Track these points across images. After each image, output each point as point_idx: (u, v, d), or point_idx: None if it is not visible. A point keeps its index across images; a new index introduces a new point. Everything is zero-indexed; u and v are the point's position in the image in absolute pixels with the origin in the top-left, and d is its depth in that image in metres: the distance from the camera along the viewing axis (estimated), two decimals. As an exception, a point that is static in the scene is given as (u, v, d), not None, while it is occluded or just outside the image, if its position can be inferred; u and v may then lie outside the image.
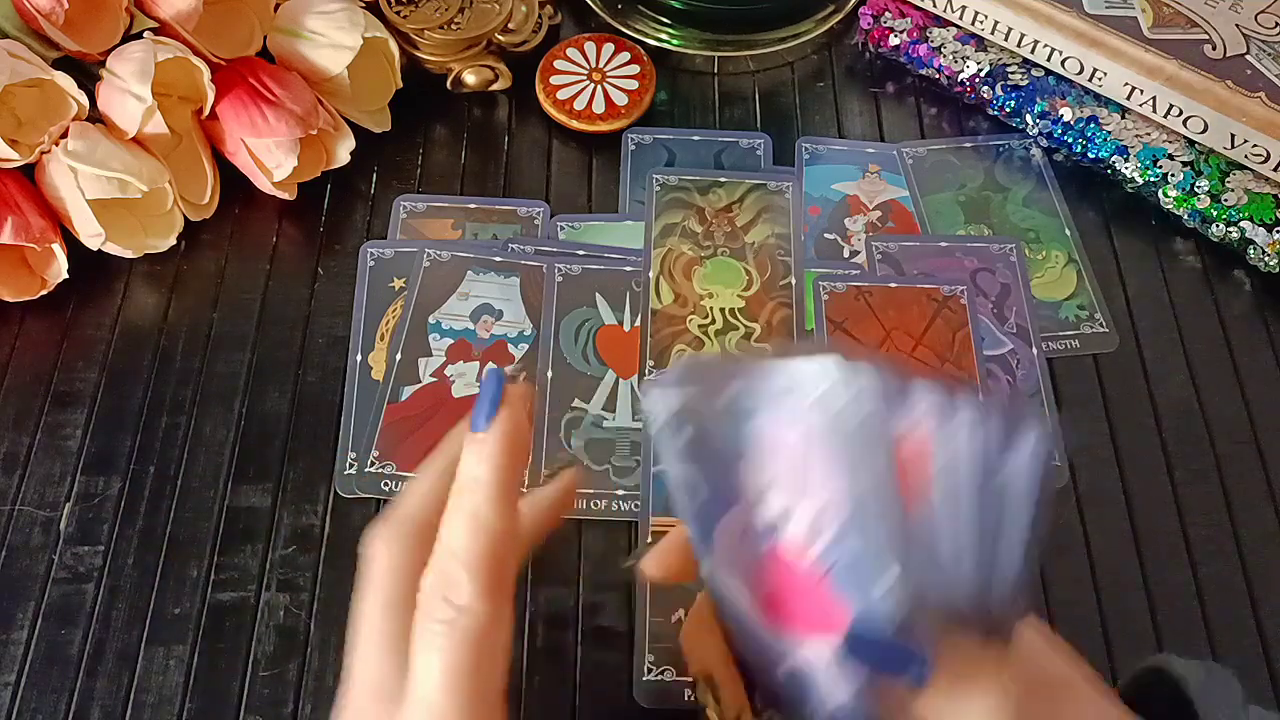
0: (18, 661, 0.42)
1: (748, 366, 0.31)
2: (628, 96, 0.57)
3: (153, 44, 0.49)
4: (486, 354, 0.50)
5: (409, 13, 0.56)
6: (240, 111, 0.50)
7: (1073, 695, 0.32)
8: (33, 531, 0.45)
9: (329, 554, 0.45)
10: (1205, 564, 0.45)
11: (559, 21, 0.61)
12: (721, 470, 0.30)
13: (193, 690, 0.42)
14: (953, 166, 0.57)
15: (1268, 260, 0.52)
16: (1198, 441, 0.48)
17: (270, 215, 0.54)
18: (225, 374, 0.49)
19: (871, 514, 0.29)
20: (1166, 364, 0.50)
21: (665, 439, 0.30)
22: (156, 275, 0.52)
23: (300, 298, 0.52)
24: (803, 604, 0.30)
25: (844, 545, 0.29)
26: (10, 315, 0.51)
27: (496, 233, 0.54)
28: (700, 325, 0.51)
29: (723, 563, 0.30)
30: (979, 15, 0.56)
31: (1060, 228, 0.54)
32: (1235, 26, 0.54)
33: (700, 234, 0.54)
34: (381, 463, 0.47)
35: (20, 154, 0.48)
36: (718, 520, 0.30)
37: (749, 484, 0.30)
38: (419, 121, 0.58)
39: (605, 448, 0.47)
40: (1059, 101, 0.56)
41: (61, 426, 0.48)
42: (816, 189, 0.56)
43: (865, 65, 0.61)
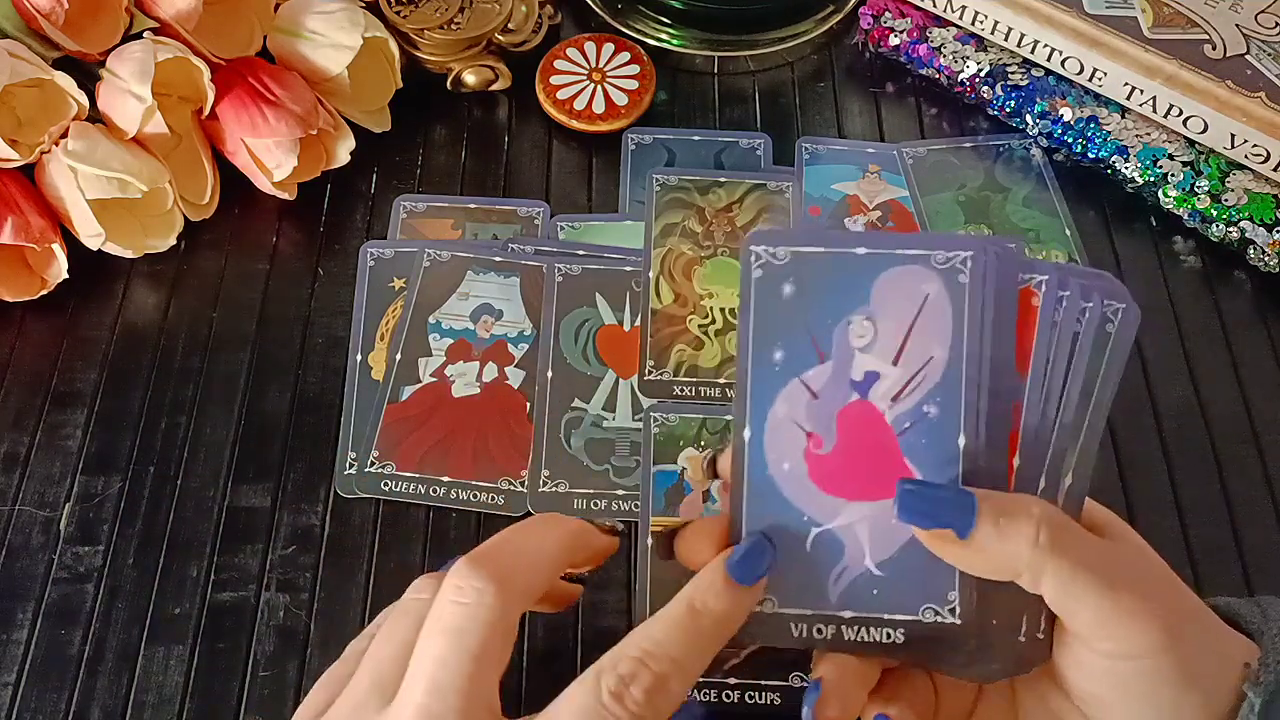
0: (18, 661, 0.42)
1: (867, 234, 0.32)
2: (628, 96, 0.57)
3: (153, 44, 0.49)
4: (486, 354, 0.50)
5: (409, 13, 0.56)
6: (240, 111, 0.50)
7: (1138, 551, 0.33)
8: (33, 531, 0.45)
9: (329, 554, 0.45)
10: (1205, 564, 0.45)
11: (559, 21, 0.61)
12: (807, 329, 0.31)
13: (193, 690, 0.42)
14: (953, 166, 0.57)
15: (1268, 260, 0.52)
16: (1198, 441, 0.48)
17: (270, 215, 0.54)
18: (225, 374, 0.49)
19: (964, 385, 0.30)
20: (1166, 364, 0.50)
21: (761, 291, 0.31)
22: (156, 275, 0.52)
23: (300, 298, 0.52)
24: (866, 465, 0.31)
25: (928, 410, 0.30)
26: (10, 315, 0.51)
27: (496, 233, 0.54)
28: (700, 325, 0.51)
29: (784, 418, 0.31)
30: (979, 15, 0.56)
31: (1060, 228, 0.54)
32: (1235, 26, 0.54)
33: (700, 234, 0.54)
34: (381, 463, 0.47)
35: (20, 154, 0.48)
36: (785, 381, 0.31)
37: (842, 342, 0.31)
38: (419, 121, 0.58)
39: (605, 448, 0.47)
40: (1059, 101, 0.56)
41: (61, 426, 0.48)
42: (816, 189, 0.56)
43: (865, 65, 0.61)
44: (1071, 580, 0.29)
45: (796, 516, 0.31)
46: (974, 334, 0.30)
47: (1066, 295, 0.30)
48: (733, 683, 0.41)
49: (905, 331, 0.30)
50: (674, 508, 0.45)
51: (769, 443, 0.31)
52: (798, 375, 0.31)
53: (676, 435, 0.47)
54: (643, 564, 0.44)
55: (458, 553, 0.44)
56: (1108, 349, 0.31)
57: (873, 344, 0.31)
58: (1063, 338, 0.30)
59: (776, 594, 0.31)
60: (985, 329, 0.30)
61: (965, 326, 0.30)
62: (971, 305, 0.30)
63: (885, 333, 0.31)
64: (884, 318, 0.31)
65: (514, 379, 0.49)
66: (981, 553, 0.29)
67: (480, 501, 0.46)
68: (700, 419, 0.48)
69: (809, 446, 0.31)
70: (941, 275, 0.30)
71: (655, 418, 0.48)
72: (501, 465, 0.47)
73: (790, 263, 0.31)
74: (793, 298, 0.31)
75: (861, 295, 0.31)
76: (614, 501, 0.46)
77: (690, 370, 0.49)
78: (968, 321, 0.30)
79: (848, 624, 0.30)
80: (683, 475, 0.46)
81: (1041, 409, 0.30)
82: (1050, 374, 0.30)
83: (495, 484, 0.46)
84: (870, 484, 0.31)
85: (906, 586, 0.30)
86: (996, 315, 0.30)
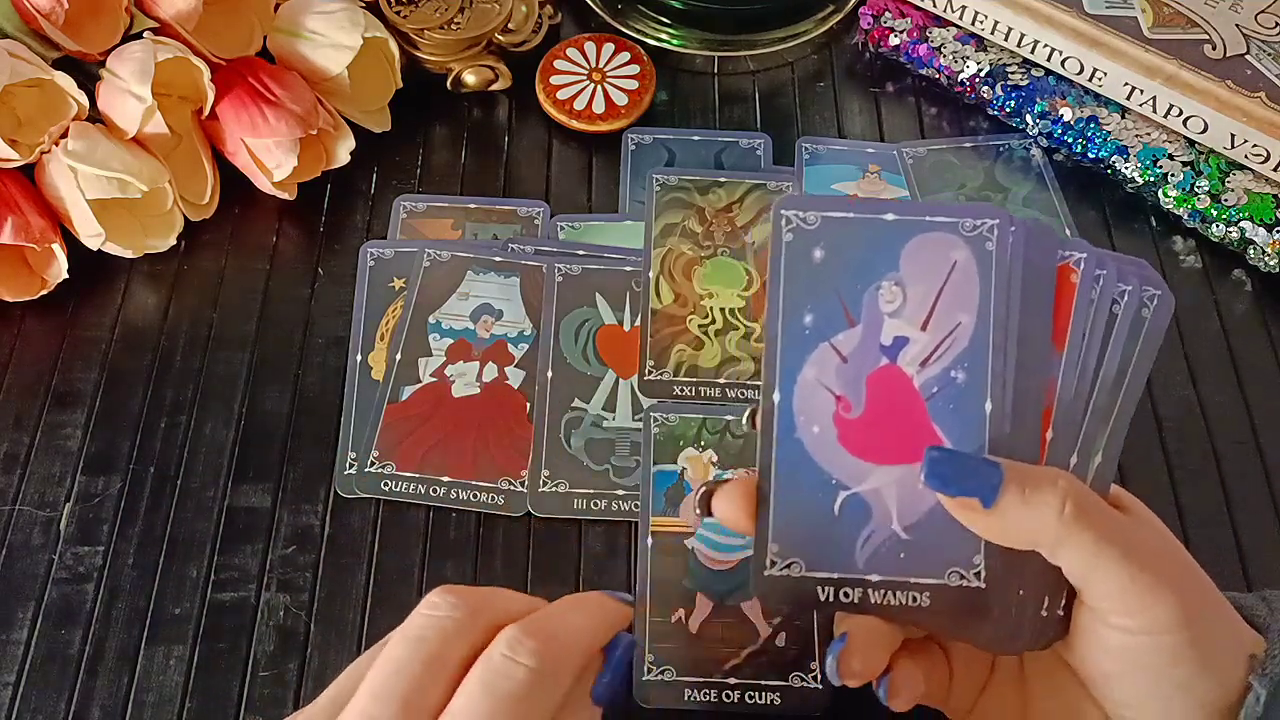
0: (18, 661, 0.42)
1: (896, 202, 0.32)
2: (628, 96, 0.57)
3: (153, 44, 0.49)
4: (486, 354, 0.50)
5: (409, 13, 0.56)
6: (240, 111, 0.50)
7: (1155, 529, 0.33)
8: (33, 531, 0.45)
9: (329, 554, 0.45)
10: (1205, 564, 0.45)
11: (559, 21, 0.61)
12: (837, 293, 0.31)
13: (193, 690, 0.42)
14: (953, 166, 0.57)
15: (1268, 260, 0.52)
16: (1198, 441, 0.48)
17: (270, 215, 0.54)
18: (225, 374, 0.49)
19: (990, 351, 0.30)
20: (1166, 364, 0.50)
21: (791, 256, 0.31)
22: (156, 275, 0.52)
23: (300, 298, 0.52)
24: (894, 429, 0.31)
25: (955, 375, 0.30)
26: (10, 315, 0.51)
27: (496, 233, 0.54)
28: (700, 325, 0.51)
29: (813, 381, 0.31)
30: (979, 15, 0.56)
31: (1060, 228, 0.54)
32: (1235, 26, 0.54)
33: (700, 234, 0.54)
34: (381, 463, 0.47)
35: (20, 154, 0.48)
36: (815, 345, 0.31)
37: (871, 307, 0.31)
38: (419, 121, 0.58)
39: (605, 448, 0.47)
40: (1059, 101, 0.56)
41: (61, 426, 0.48)
42: (816, 189, 0.56)
43: (865, 65, 0.61)
44: (1094, 553, 0.29)
45: (825, 479, 0.31)
46: (1001, 301, 0.30)
47: (1103, 274, 0.31)
48: (733, 683, 0.41)
49: (934, 297, 0.31)
50: (674, 508, 0.45)
51: (798, 406, 0.31)
52: (827, 339, 0.31)
53: (676, 435, 0.47)
54: (643, 564, 0.44)
55: (458, 553, 0.45)
56: (1142, 334, 0.31)
57: (901, 309, 0.31)
58: (1099, 317, 0.31)
59: (803, 557, 0.31)
60: (1013, 297, 0.30)
61: (993, 293, 0.30)
62: (999, 272, 0.30)
63: (914, 298, 0.31)
64: (913, 283, 0.31)
65: (514, 379, 0.49)
66: (1006, 521, 0.29)
67: (480, 501, 0.46)
68: (700, 419, 0.48)
69: (838, 410, 0.31)
70: (969, 242, 0.31)
71: (655, 418, 0.48)
72: (501, 465, 0.47)
73: (820, 227, 0.31)
74: (823, 262, 0.31)
75: (890, 260, 0.31)
76: (614, 501, 0.46)
77: (690, 370, 0.49)
78: (995, 288, 0.30)
79: (874, 587, 0.31)
80: (683, 475, 0.46)
81: (1075, 386, 0.31)
82: (1085, 352, 0.31)
83: (495, 484, 0.46)
84: (898, 448, 0.31)
85: (933, 551, 0.30)
86: (1032, 288, 0.30)
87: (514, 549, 0.45)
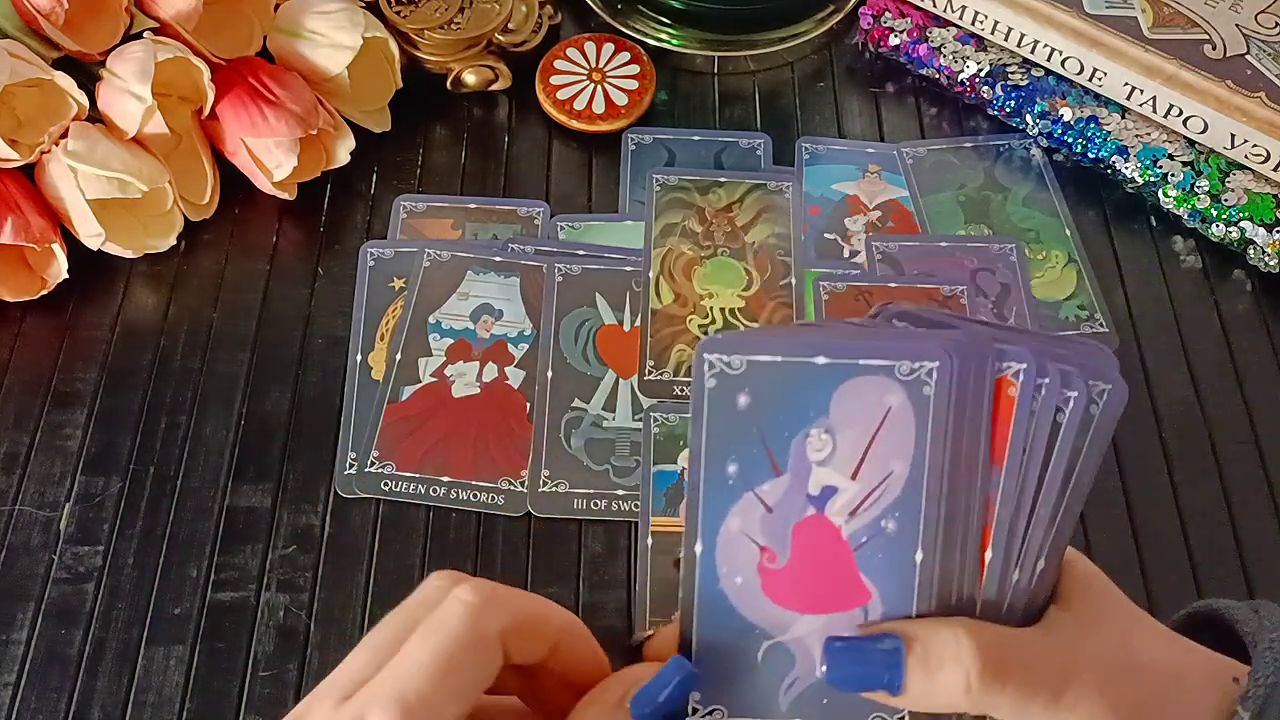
0: (18, 661, 0.42)
1: (826, 339, 0.31)
2: (628, 96, 0.57)
3: (153, 44, 0.49)
4: (486, 354, 0.50)
5: (409, 13, 0.56)
6: (240, 111, 0.50)
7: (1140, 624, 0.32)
8: (33, 531, 0.45)
9: (329, 554, 0.45)
10: (1205, 564, 0.45)
11: (559, 21, 0.61)
12: (763, 441, 0.30)
13: (193, 690, 0.42)
14: (953, 166, 0.57)
15: (1268, 260, 0.52)
16: (1198, 441, 0.48)
17: (270, 215, 0.54)
18: (225, 374, 0.49)
19: (924, 500, 0.29)
20: (1166, 364, 0.50)
21: (715, 402, 0.30)
22: (156, 275, 0.52)
23: (300, 298, 0.52)
24: (820, 579, 0.30)
25: (885, 524, 0.29)
26: (10, 315, 0.51)
27: (496, 233, 0.54)
28: (700, 325, 0.51)
29: (737, 532, 0.30)
30: (979, 15, 0.56)
31: (1060, 228, 0.54)
32: (1235, 26, 0.54)
33: (700, 234, 0.54)
34: (381, 463, 0.47)
35: (20, 154, 0.48)
36: (739, 495, 0.30)
37: (799, 455, 0.30)
38: (419, 121, 0.58)
39: (605, 448, 0.47)
40: (1059, 101, 0.56)
41: (61, 426, 0.48)
42: (816, 189, 0.56)
43: (865, 65, 0.61)
44: (1015, 708, 0.28)
45: (748, 629, 0.30)
46: (938, 447, 0.29)
47: (1045, 383, 0.29)
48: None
49: (865, 445, 0.29)
50: (674, 508, 0.45)
51: (721, 557, 0.30)
52: (752, 489, 0.30)
53: (676, 435, 0.47)
54: (643, 564, 0.44)
55: (458, 553, 0.45)
56: (1090, 434, 0.29)
57: (831, 457, 0.29)
58: (1040, 427, 0.29)
59: (726, 704, 0.30)
60: (950, 439, 0.29)
61: (929, 440, 0.29)
62: (936, 418, 0.29)
63: (844, 445, 0.29)
64: (843, 429, 0.29)
65: (514, 379, 0.49)
66: (917, 701, 0.29)
67: (480, 501, 0.46)
68: (700, 419, 0.48)
69: (762, 560, 0.30)
70: (905, 386, 0.29)
71: (655, 418, 0.48)
72: (501, 465, 0.47)
73: (746, 372, 0.29)
74: (748, 408, 0.29)
75: (821, 406, 0.29)
76: (614, 501, 0.46)
77: (690, 370, 0.49)
78: (931, 435, 0.29)
79: None
80: (683, 475, 0.46)
81: (1017, 500, 0.29)
82: (1026, 465, 0.29)
83: (495, 484, 0.46)
84: (824, 598, 0.30)
85: (856, 696, 0.30)
86: (969, 414, 0.29)
87: (514, 549, 0.45)
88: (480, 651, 0.29)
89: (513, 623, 0.29)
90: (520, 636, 0.30)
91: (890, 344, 0.29)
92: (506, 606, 0.30)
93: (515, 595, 0.31)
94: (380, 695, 0.27)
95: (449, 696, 0.28)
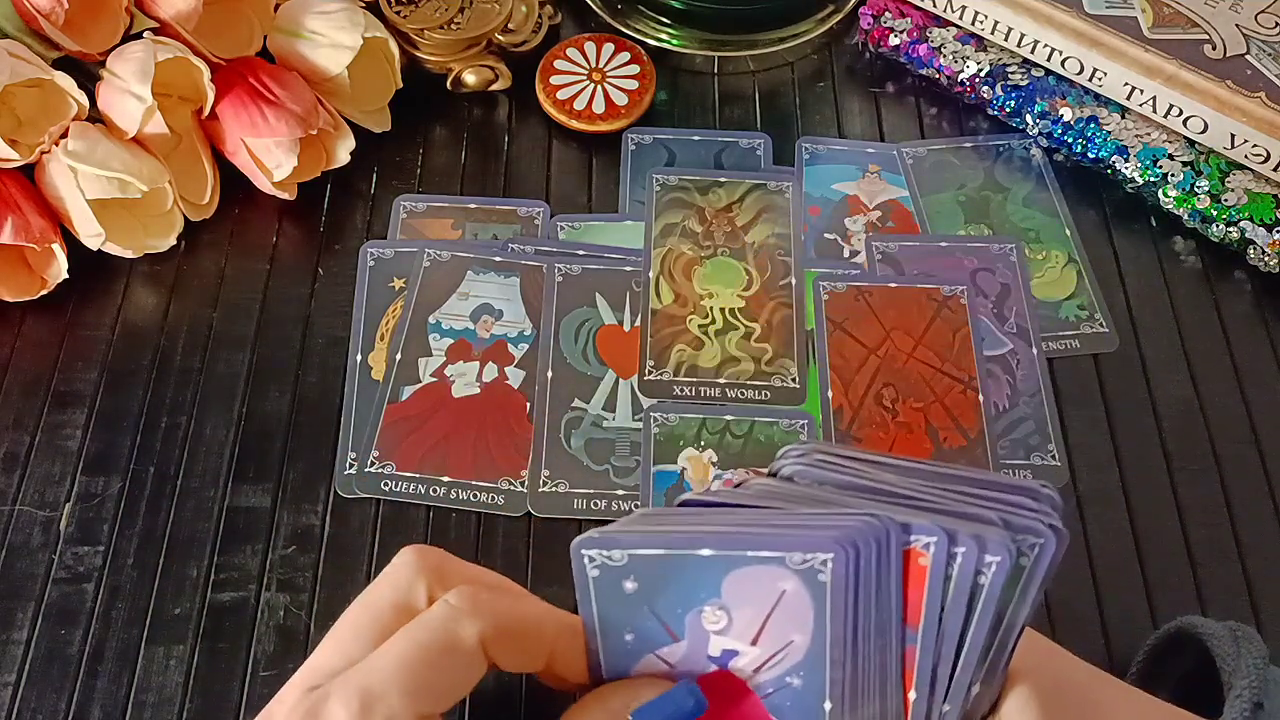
0: (18, 661, 0.42)
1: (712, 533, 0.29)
2: (628, 96, 0.57)
3: (153, 44, 0.49)
4: (486, 354, 0.50)
5: (409, 13, 0.56)
6: (240, 111, 0.50)
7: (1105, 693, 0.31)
8: (33, 531, 0.45)
9: (329, 554, 0.45)
10: (1205, 564, 0.45)
11: (559, 21, 0.61)
12: (656, 616, 0.30)
13: (193, 690, 0.42)
14: (953, 166, 0.57)
15: (1268, 260, 0.52)
16: (1198, 441, 0.48)
17: (270, 215, 0.54)
18: (225, 374, 0.49)
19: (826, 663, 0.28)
20: (1166, 364, 0.50)
21: (601, 589, 0.29)
22: (156, 275, 0.52)
23: (300, 298, 0.52)
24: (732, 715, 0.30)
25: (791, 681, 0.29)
26: (10, 315, 0.51)
27: (496, 233, 0.54)
28: (700, 325, 0.51)
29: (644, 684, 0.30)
30: (979, 15, 0.56)
31: (1060, 228, 0.54)
32: (1235, 26, 0.54)
33: (700, 234, 0.54)
34: (381, 463, 0.47)
35: (20, 154, 0.48)
36: (640, 655, 0.30)
37: (695, 625, 0.29)
38: (419, 121, 0.58)
39: (605, 448, 0.47)
40: (1059, 101, 0.56)
41: (61, 426, 0.48)
42: (816, 189, 0.56)
43: (865, 65, 0.61)
44: None
45: None
46: (839, 621, 0.28)
47: (961, 552, 0.28)
48: None
49: (762, 619, 0.29)
50: (674, 508, 0.45)
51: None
52: (652, 651, 0.30)
53: (676, 435, 0.47)
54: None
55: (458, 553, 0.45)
56: (1021, 582, 0.28)
57: (728, 629, 0.29)
58: (960, 590, 0.28)
59: None
60: (852, 614, 0.28)
61: (828, 617, 0.28)
62: (835, 599, 0.28)
63: (741, 619, 0.29)
64: (738, 607, 0.29)
65: (514, 379, 0.49)
66: None
67: (480, 501, 0.46)
68: (700, 419, 0.48)
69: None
70: (799, 574, 0.28)
71: (655, 418, 0.48)
72: (501, 465, 0.47)
73: (628, 564, 0.29)
74: (636, 592, 0.29)
75: (711, 589, 0.29)
76: (614, 501, 0.46)
77: (690, 370, 0.49)
78: (830, 612, 0.28)
79: None
80: (683, 475, 0.46)
81: (937, 651, 0.28)
82: (947, 620, 0.28)
83: (495, 484, 0.46)
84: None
85: None
86: (875, 589, 0.28)
87: (514, 549, 0.45)
88: (456, 656, 0.29)
89: (495, 631, 0.30)
90: (506, 645, 0.30)
91: (779, 535, 0.28)
92: (491, 615, 0.30)
93: (502, 603, 0.31)
94: (345, 685, 0.28)
95: (414, 696, 0.28)
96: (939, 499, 0.29)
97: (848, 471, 0.30)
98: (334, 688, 0.29)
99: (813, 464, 0.31)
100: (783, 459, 0.32)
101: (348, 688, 0.28)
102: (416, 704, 0.28)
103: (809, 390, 0.49)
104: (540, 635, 0.31)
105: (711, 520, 0.30)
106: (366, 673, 0.29)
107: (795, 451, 0.32)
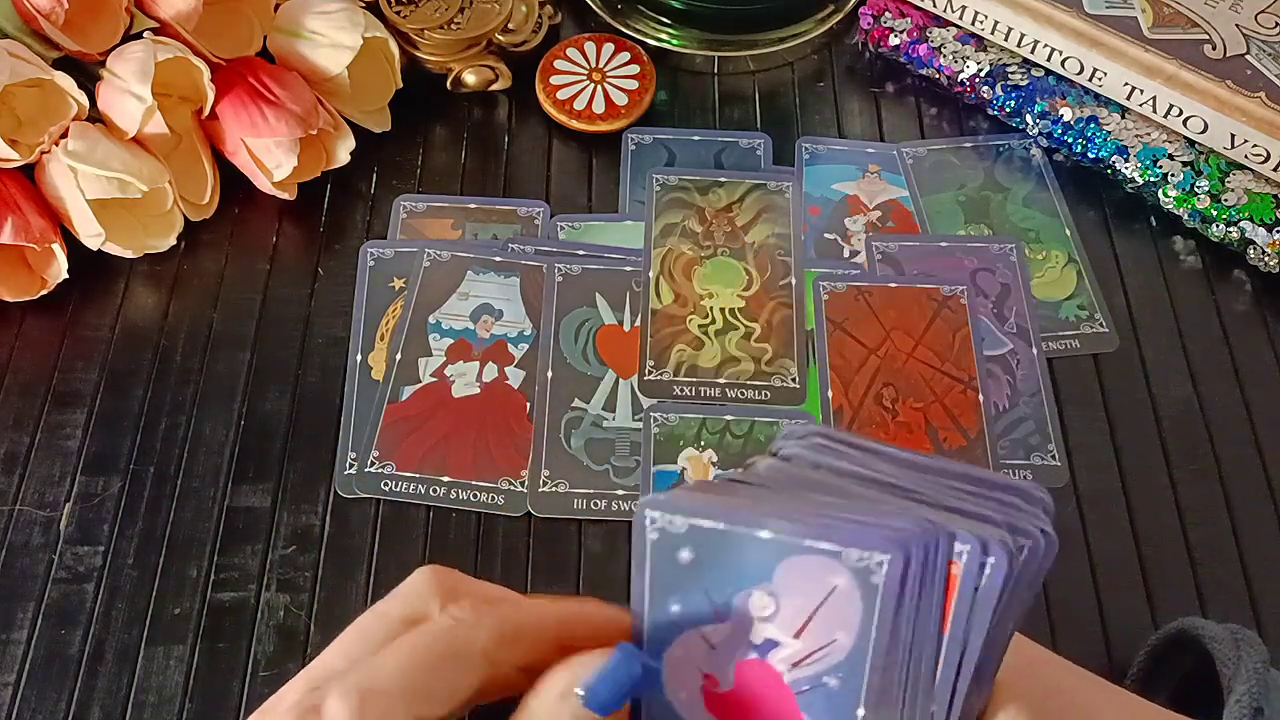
0: (18, 661, 0.42)
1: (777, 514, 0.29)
2: (628, 96, 0.57)
3: (153, 44, 0.49)
4: (486, 354, 0.50)
5: (409, 13, 0.56)
6: (240, 111, 0.50)
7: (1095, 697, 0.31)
8: (33, 531, 0.45)
9: (329, 554, 0.45)
10: (1205, 564, 0.45)
11: (559, 21, 0.61)
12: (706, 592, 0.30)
13: (193, 690, 0.42)
14: (953, 166, 0.57)
15: (1268, 260, 0.52)
16: (1198, 441, 0.48)
17: (270, 215, 0.54)
18: (225, 374, 0.49)
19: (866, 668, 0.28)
20: (1166, 364, 0.50)
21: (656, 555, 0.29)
22: (156, 275, 0.52)
23: (300, 298, 0.52)
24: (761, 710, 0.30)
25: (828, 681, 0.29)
26: (10, 315, 0.51)
27: (496, 233, 0.54)
28: (700, 325, 0.51)
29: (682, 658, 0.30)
30: (979, 15, 0.56)
31: (1060, 228, 0.54)
32: (1235, 26, 0.54)
33: (700, 234, 0.54)
34: (381, 463, 0.47)
35: (20, 154, 0.48)
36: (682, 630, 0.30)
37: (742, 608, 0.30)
38: (419, 121, 0.58)
39: (605, 448, 0.47)
40: (1059, 101, 0.56)
41: (61, 426, 0.48)
42: (816, 189, 0.56)
43: (865, 65, 0.61)
44: None
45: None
46: (885, 628, 0.28)
47: (990, 562, 0.28)
48: None
49: (809, 613, 0.29)
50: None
51: (667, 675, 0.30)
52: (696, 628, 0.30)
53: (676, 435, 0.47)
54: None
55: (458, 553, 0.45)
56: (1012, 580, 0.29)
57: (774, 616, 0.29)
58: (984, 602, 0.28)
59: None
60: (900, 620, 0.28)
61: (875, 623, 0.28)
62: (884, 607, 0.28)
63: (788, 609, 0.29)
64: (787, 595, 0.29)
65: (514, 379, 0.49)
66: None
67: (480, 501, 0.46)
68: (700, 419, 0.48)
69: (705, 684, 0.30)
70: (852, 572, 0.28)
71: (655, 418, 0.48)
72: (501, 465, 0.47)
73: (687, 533, 0.29)
74: (690, 563, 0.29)
75: (764, 572, 0.29)
76: (614, 501, 0.46)
77: (690, 370, 0.49)
78: (878, 620, 0.28)
79: None
80: (683, 475, 0.46)
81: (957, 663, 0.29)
82: (969, 633, 0.29)
83: (495, 484, 0.46)
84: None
85: None
86: (920, 596, 0.28)
87: (514, 549, 0.45)
88: (456, 660, 0.30)
89: (497, 634, 0.30)
90: (511, 644, 0.30)
91: (839, 528, 0.28)
92: (491, 619, 0.30)
93: (502, 608, 0.31)
94: (344, 682, 0.29)
95: (412, 697, 0.29)
96: (935, 494, 0.29)
97: (845, 458, 0.31)
98: (333, 684, 0.29)
99: (811, 447, 0.31)
100: (784, 439, 0.32)
101: (346, 684, 0.29)
102: (414, 705, 0.28)
103: (809, 390, 0.49)
104: (543, 626, 0.31)
105: (774, 502, 0.30)
106: (366, 672, 0.29)
107: (797, 433, 0.32)
